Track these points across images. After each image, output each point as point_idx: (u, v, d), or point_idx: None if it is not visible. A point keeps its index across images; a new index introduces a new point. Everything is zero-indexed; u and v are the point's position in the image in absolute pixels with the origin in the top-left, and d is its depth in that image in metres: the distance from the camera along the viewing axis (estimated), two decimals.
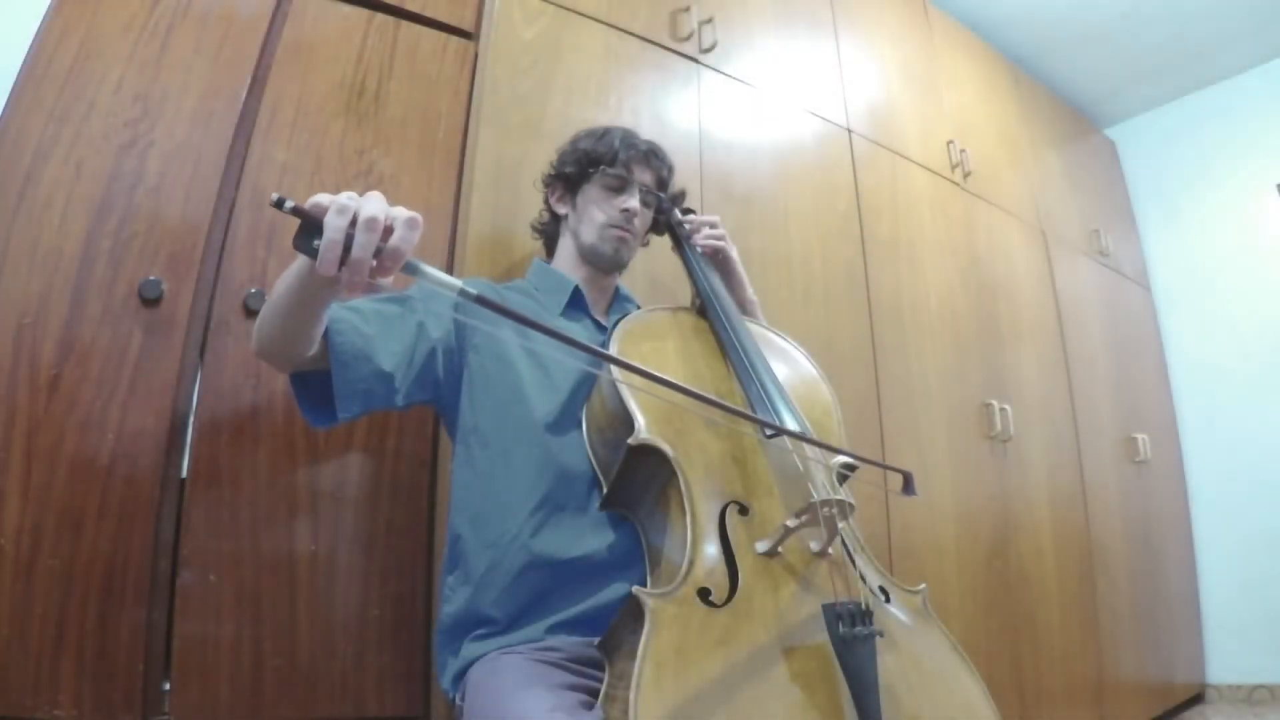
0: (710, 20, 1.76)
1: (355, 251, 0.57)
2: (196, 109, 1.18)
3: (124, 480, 1.01)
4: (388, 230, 0.59)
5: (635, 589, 0.68)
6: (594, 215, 1.12)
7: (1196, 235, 3.09)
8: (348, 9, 1.36)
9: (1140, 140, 3.32)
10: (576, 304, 1.11)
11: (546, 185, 1.20)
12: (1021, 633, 1.93)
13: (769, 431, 0.85)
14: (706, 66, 1.74)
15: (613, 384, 0.86)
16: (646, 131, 1.54)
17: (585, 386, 0.97)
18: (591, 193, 1.13)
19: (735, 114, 1.76)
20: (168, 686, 0.99)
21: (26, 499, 0.95)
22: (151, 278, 1.08)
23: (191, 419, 1.08)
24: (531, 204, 1.27)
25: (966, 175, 2.31)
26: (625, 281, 1.26)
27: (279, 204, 0.56)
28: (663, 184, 1.19)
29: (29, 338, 1.00)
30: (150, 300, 1.07)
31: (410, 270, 0.57)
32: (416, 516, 1.18)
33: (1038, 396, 2.25)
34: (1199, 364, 2.96)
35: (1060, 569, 2.12)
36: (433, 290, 0.99)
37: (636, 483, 0.85)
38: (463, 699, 0.84)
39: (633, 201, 1.12)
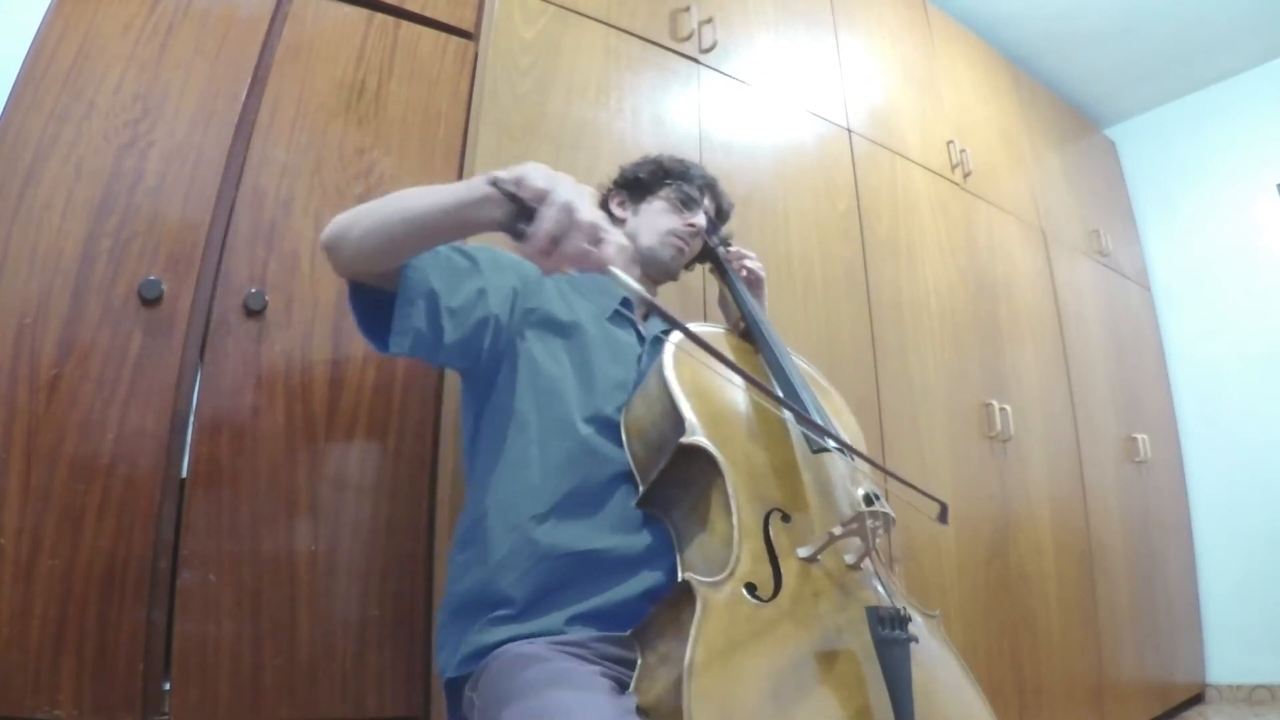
0: (710, 20, 1.76)
1: (567, 247, 0.60)
2: (196, 109, 1.18)
3: (124, 480, 1.01)
4: (598, 239, 0.62)
5: (687, 574, 0.70)
6: (658, 223, 1.14)
7: (1196, 235, 3.08)
8: (348, 9, 1.36)
9: (1140, 140, 3.32)
10: (626, 309, 1.10)
11: (608, 191, 1.21)
12: (1021, 633, 1.92)
13: (815, 447, 0.89)
14: (706, 66, 1.74)
15: (663, 386, 0.88)
16: (646, 131, 1.55)
17: (621, 392, 0.98)
18: (657, 204, 1.16)
19: (735, 114, 1.76)
20: (168, 686, 0.99)
21: (26, 499, 0.95)
22: (151, 278, 1.08)
23: (191, 419, 1.08)
24: None
25: (966, 175, 2.31)
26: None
27: (494, 183, 0.61)
28: (722, 215, 1.24)
29: (29, 338, 1.00)
30: (150, 300, 1.07)
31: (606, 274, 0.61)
32: (416, 516, 1.18)
33: (1037, 396, 2.25)
34: (1199, 364, 2.96)
35: (1060, 569, 2.12)
36: (499, 261, 1.02)
37: (677, 484, 0.86)
38: (474, 688, 0.81)
39: (699, 218, 1.16)
